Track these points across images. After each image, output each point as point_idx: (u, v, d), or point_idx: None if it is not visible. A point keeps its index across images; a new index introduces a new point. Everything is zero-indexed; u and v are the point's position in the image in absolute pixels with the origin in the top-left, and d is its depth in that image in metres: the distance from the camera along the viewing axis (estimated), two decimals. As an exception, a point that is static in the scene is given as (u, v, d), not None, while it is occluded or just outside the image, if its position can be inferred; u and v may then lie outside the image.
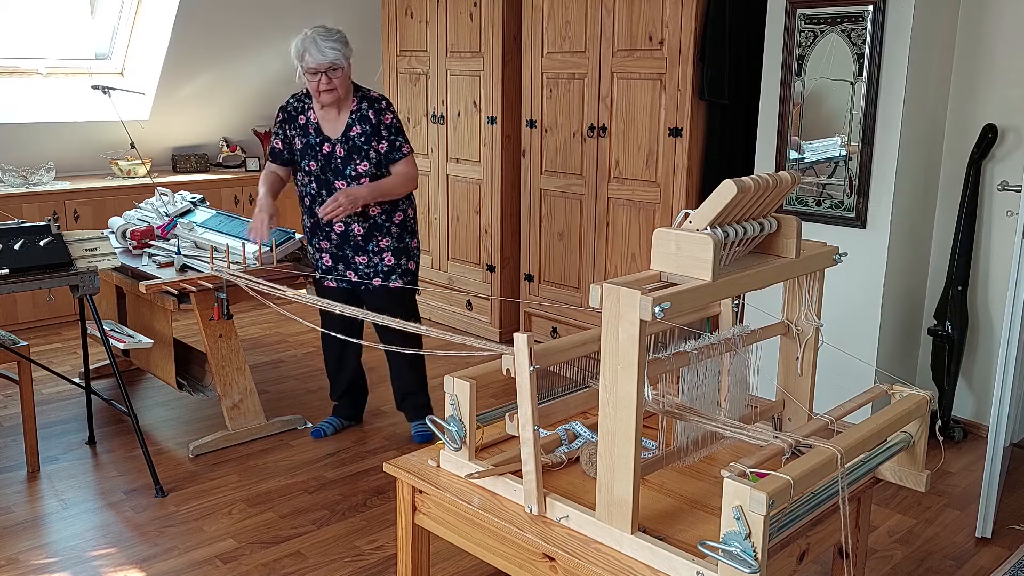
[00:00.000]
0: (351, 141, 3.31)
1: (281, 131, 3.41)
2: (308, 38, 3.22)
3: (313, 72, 3.20)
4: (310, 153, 3.34)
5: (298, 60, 3.25)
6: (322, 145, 3.33)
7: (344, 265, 3.41)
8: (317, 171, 3.34)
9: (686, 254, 1.61)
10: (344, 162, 3.32)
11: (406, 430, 3.79)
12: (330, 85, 3.21)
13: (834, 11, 3.45)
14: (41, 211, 5.06)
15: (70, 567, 2.74)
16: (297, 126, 3.37)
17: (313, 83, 3.22)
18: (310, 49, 3.19)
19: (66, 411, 3.95)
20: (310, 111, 3.36)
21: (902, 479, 1.91)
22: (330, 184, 3.34)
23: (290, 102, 3.42)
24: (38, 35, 5.35)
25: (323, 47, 3.18)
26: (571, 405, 1.98)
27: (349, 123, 3.32)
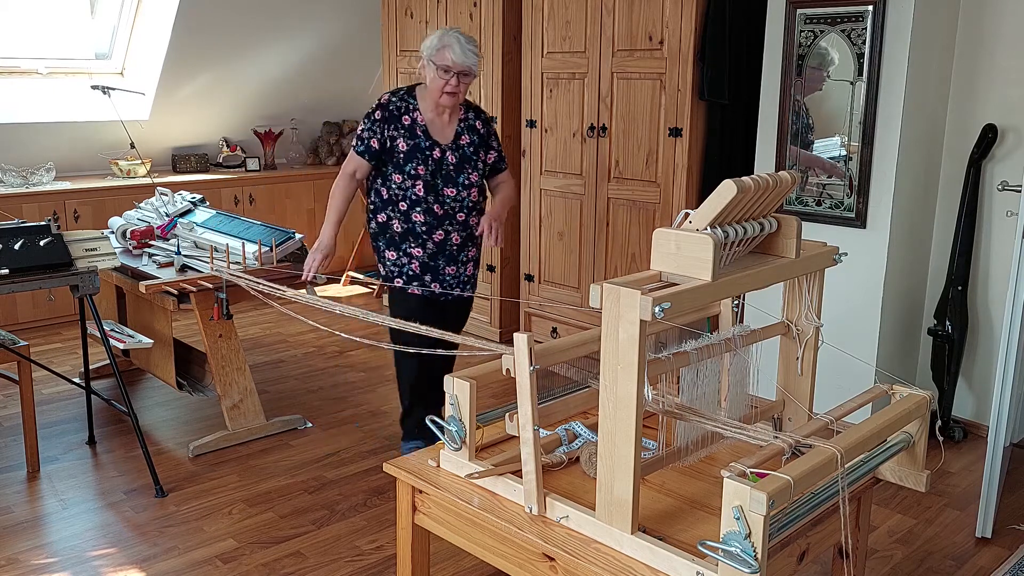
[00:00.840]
0: (462, 150, 3.22)
1: (379, 129, 3.17)
2: (450, 35, 3.09)
3: (445, 70, 3.06)
4: (419, 157, 3.16)
5: (430, 53, 3.10)
6: (432, 149, 3.18)
7: (431, 275, 3.24)
8: (427, 176, 3.17)
9: (686, 254, 1.61)
10: (457, 170, 3.20)
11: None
12: (456, 89, 3.10)
13: (834, 11, 3.45)
14: (41, 211, 5.06)
15: (70, 567, 2.74)
16: (401, 127, 3.17)
17: (440, 82, 3.08)
18: (452, 46, 3.06)
19: (66, 411, 3.95)
20: (416, 112, 3.18)
21: (902, 479, 1.91)
22: (439, 191, 3.18)
23: (392, 100, 3.21)
24: (38, 35, 5.35)
25: (466, 49, 3.06)
26: (571, 405, 1.98)
27: (458, 131, 3.22)
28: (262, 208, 5.99)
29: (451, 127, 3.22)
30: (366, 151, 3.20)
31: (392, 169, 3.19)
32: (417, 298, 3.26)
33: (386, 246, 3.26)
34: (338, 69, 6.32)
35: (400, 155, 3.17)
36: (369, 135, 3.19)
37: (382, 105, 3.21)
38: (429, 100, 3.18)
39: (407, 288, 3.25)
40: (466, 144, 3.23)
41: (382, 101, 3.22)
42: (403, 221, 3.22)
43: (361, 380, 4.41)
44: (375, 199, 3.27)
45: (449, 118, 3.21)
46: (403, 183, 3.18)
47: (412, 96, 3.21)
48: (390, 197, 3.21)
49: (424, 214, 3.18)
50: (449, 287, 3.28)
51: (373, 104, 3.24)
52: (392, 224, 3.23)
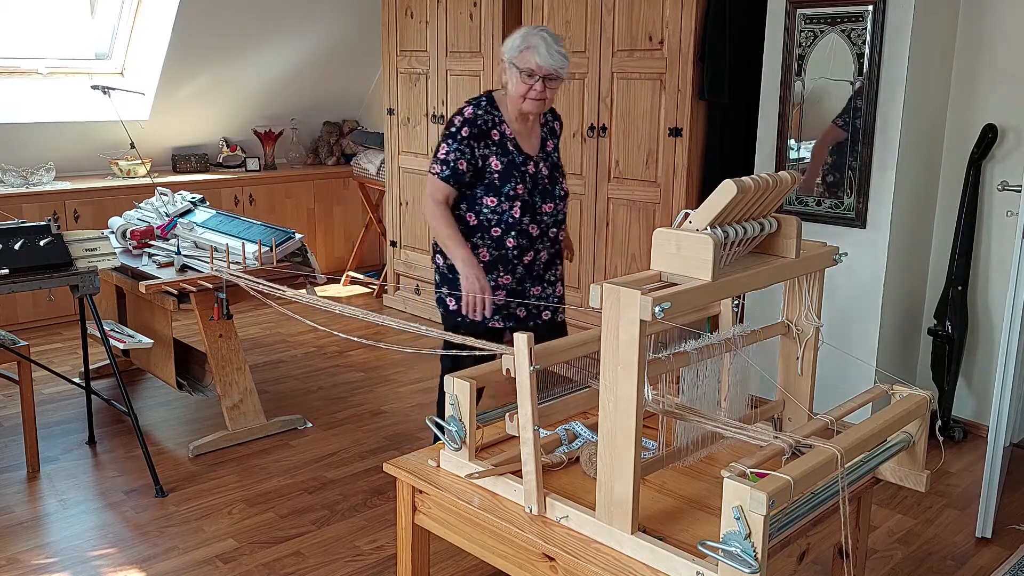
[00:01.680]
0: (550, 158, 2.92)
1: (468, 149, 2.78)
2: (536, 34, 2.75)
3: (530, 74, 2.73)
4: (516, 175, 2.81)
5: (512, 55, 2.76)
6: (526, 164, 2.84)
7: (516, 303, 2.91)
8: (525, 195, 2.82)
9: (686, 254, 1.61)
10: (551, 181, 2.90)
11: (406, 430, 3.80)
12: (542, 95, 2.76)
13: (834, 11, 3.45)
14: (41, 211, 5.06)
15: (70, 567, 2.74)
16: (491, 143, 2.81)
17: (523, 87, 2.75)
18: (537, 47, 2.72)
19: (66, 411, 3.95)
20: (503, 124, 2.83)
21: (902, 479, 1.91)
22: (536, 209, 2.86)
23: (478, 113, 2.81)
24: (38, 35, 5.35)
25: (553, 49, 2.72)
26: (571, 405, 1.98)
27: (543, 137, 2.93)
28: (262, 208, 5.99)
29: (536, 134, 2.91)
30: (452, 176, 2.79)
31: (483, 192, 2.82)
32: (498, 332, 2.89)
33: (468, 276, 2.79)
34: (338, 69, 6.32)
35: (494, 175, 2.81)
36: (456, 157, 2.78)
37: (468, 120, 2.80)
38: (511, 107, 2.84)
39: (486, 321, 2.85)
40: (552, 151, 2.95)
41: (467, 115, 2.81)
42: (493, 248, 2.85)
43: (361, 380, 4.41)
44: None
45: (532, 124, 2.91)
46: (498, 206, 2.82)
47: (494, 106, 2.85)
48: (480, 223, 2.83)
49: (518, 237, 2.84)
50: (536, 311, 2.93)
51: (454, 119, 2.83)
52: (478, 253, 2.84)
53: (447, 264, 2.90)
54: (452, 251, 2.79)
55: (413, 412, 3.99)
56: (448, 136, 2.80)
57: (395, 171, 5.53)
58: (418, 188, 5.37)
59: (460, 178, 2.79)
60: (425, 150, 5.27)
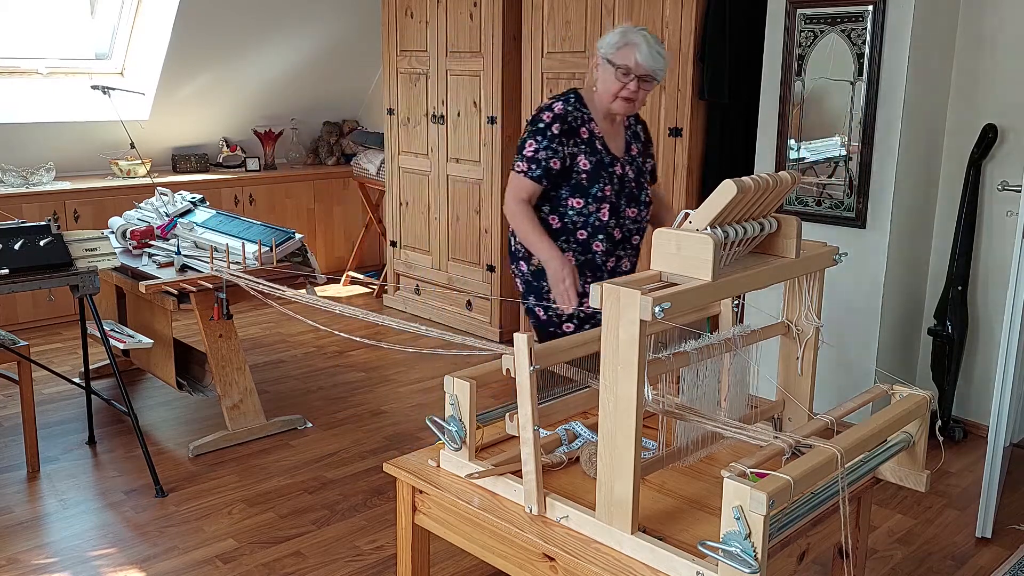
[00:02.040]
0: (635, 162, 2.80)
1: (560, 147, 2.65)
2: (637, 33, 2.64)
3: (626, 72, 2.62)
4: (604, 176, 2.70)
5: (609, 50, 2.65)
6: (614, 165, 2.73)
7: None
8: (612, 198, 2.71)
9: (686, 254, 1.61)
10: (638, 186, 2.78)
11: (406, 430, 3.79)
12: (635, 95, 2.65)
13: (834, 11, 3.45)
14: (41, 211, 5.06)
15: (70, 567, 2.74)
16: (581, 141, 2.68)
17: (616, 85, 2.63)
18: (639, 45, 2.60)
19: (66, 411, 3.95)
20: (591, 122, 2.71)
21: (902, 479, 1.91)
22: (621, 213, 2.75)
23: (567, 109, 2.69)
24: (38, 35, 5.35)
25: (655, 50, 2.61)
26: (571, 405, 1.98)
27: (627, 140, 2.80)
28: (262, 208, 5.99)
29: (621, 136, 2.79)
30: (544, 175, 2.65)
31: (569, 192, 2.70)
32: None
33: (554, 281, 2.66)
34: (338, 69, 6.32)
35: (583, 175, 2.69)
36: (547, 155, 2.64)
37: (558, 116, 2.67)
38: (599, 106, 2.72)
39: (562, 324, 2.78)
40: (636, 155, 2.82)
41: (556, 111, 2.68)
42: (579, 252, 2.74)
43: (361, 380, 4.41)
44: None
45: (617, 125, 2.79)
46: (585, 208, 2.70)
47: (582, 103, 2.73)
48: (564, 226, 2.71)
49: (605, 242, 2.74)
50: None
51: (541, 115, 2.69)
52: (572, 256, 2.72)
53: (531, 270, 2.80)
54: (537, 246, 2.66)
55: (413, 412, 3.99)
56: (536, 132, 2.66)
57: (395, 171, 5.53)
58: (417, 188, 5.37)
59: (551, 177, 2.67)
60: (425, 150, 5.27)
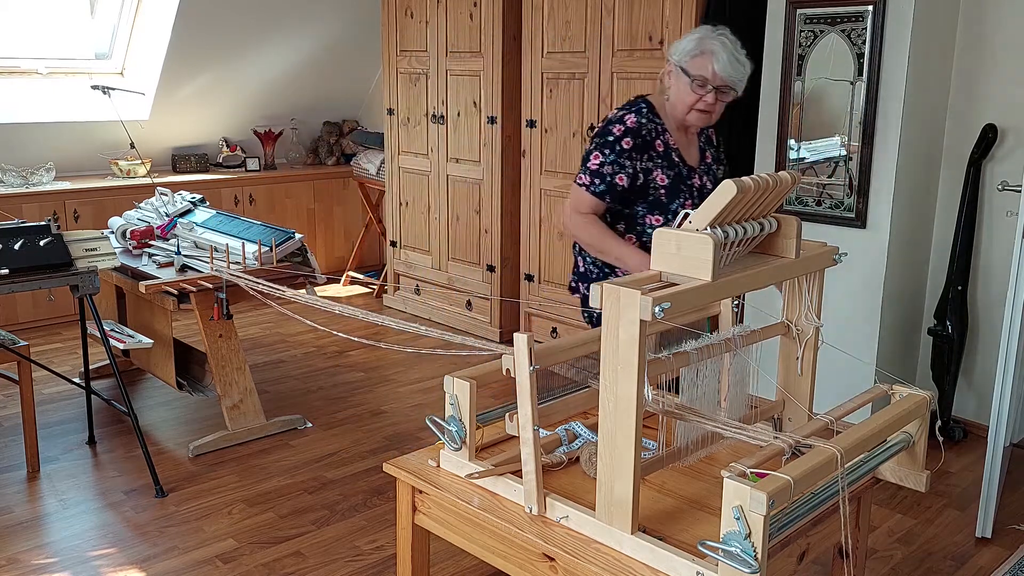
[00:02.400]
0: (711, 170, 2.61)
1: (630, 161, 2.44)
2: (715, 38, 2.40)
3: (702, 83, 2.40)
4: (684, 190, 2.49)
5: (683, 57, 2.43)
6: (692, 177, 2.53)
7: None
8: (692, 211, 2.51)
9: (686, 254, 1.61)
10: None
11: (406, 430, 3.79)
12: (712, 107, 2.44)
13: (834, 11, 3.45)
14: (41, 211, 5.06)
15: (70, 567, 2.74)
16: (656, 155, 2.47)
17: (692, 96, 2.43)
18: (717, 54, 2.38)
19: (66, 411, 3.95)
20: (666, 133, 2.51)
21: (902, 479, 1.91)
22: None
23: (641, 122, 2.47)
24: (38, 35, 5.35)
25: (734, 59, 2.39)
26: (571, 405, 1.98)
27: (702, 147, 2.61)
28: (262, 208, 5.99)
29: (695, 144, 2.60)
30: (608, 191, 2.44)
31: (647, 209, 2.49)
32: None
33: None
34: (338, 69, 6.32)
35: (661, 191, 2.47)
36: (614, 170, 2.43)
37: (631, 129, 2.45)
38: (672, 116, 2.52)
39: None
40: (711, 162, 2.62)
41: (629, 124, 2.46)
42: None
43: (361, 380, 4.41)
44: None
45: (691, 134, 2.58)
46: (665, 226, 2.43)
47: (655, 113, 2.52)
48: (644, 245, 2.47)
49: None
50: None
51: (611, 127, 2.47)
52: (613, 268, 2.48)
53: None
54: (609, 248, 2.45)
55: (413, 412, 3.99)
56: (604, 145, 2.44)
57: (395, 171, 5.53)
58: (417, 188, 5.37)
59: (616, 194, 2.46)
60: (425, 150, 5.27)
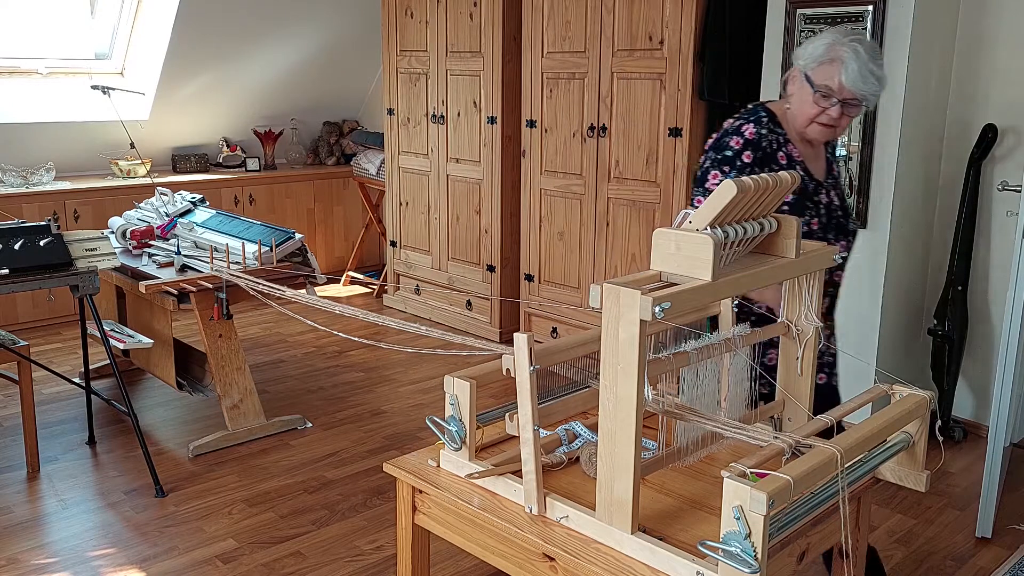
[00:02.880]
0: (838, 184, 2.36)
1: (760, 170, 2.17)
2: (848, 45, 2.12)
3: (826, 94, 2.14)
4: (810, 207, 2.24)
5: (810, 64, 2.17)
6: (818, 192, 2.27)
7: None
8: (820, 232, 2.24)
9: (686, 254, 1.61)
10: (844, 213, 2.33)
11: (406, 430, 3.79)
12: (836, 121, 2.18)
13: (834, 11, 3.45)
14: (41, 211, 5.06)
15: (70, 567, 2.74)
16: (779, 167, 2.20)
17: (814, 108, 2.16)
18: (848, 64, 2.10)
19: (66, 411, 3.95)
20: (788, 145, 2.24)
21: (902, 479, 1.91)
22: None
23: (761, 133, 2.21)
24: (38, 35, 5.35)
25: (867, 69, 2.10)
26: (571, 405, 1.98)
27: (829, 159, 2.36)
28: (262, 208, 5.99)
29: (821, 155, 2.34)
30: None
31: None
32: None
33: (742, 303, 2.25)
34: (338, 69, 6.32)
35: (783, 209, 2.18)
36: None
37: (750, 142, 2.20)
38: (793, 126, 2.27)
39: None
40: (837, 175, 2.39)
41: (748, 136, 2.21)
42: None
43: (361, 380, 4.41)
44: None
45: (817, 144, 2.32)
46: None
47: (776, 123, 2.27)
48: None
49: None
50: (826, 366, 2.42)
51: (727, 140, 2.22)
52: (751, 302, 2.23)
53: None
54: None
55: (413, 412, 3.99)
56: (722, 162, 2.20)
57: (395, 171, 5.53)
58: (417, 188, 5.37)
59: None
60: (425, 150, 5.27)
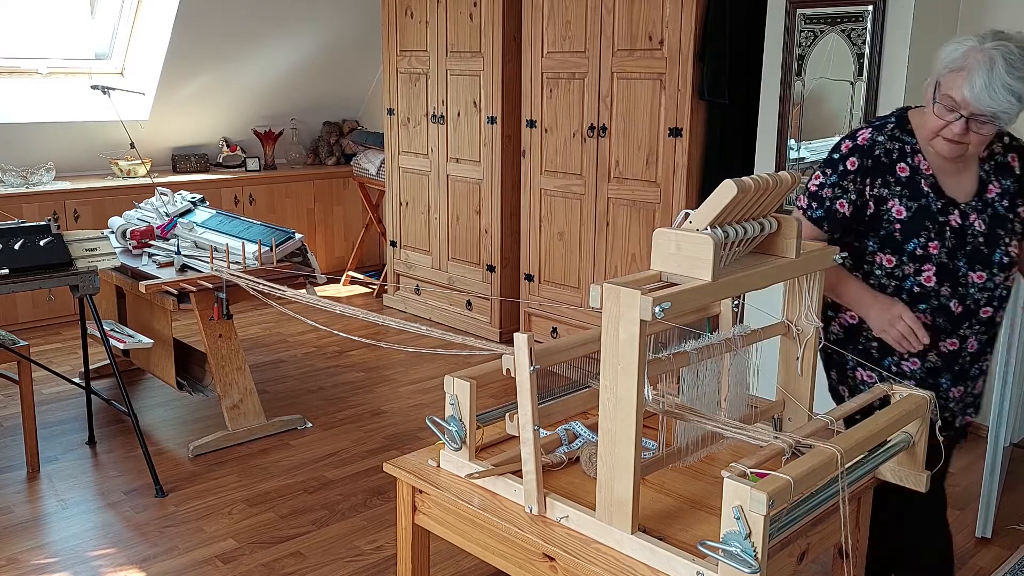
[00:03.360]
0: (992, 208, 2.03)
1: (854, 186, 2.03)
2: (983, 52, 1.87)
3: (950, 107, 1.91)
4: (930, 228, 2.00)
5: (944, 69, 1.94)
6: (948, 212, 2.01)
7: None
8: (942, 256, 2.00)
9: (686, 254, 1.61)
10: (989, 242, 2.01)
11: (406, 430, 3.79)
12: (962, 138, 1.93)
13: (834, 11, 3.45)
14: (41, 211, 5.06)
15: (70, 567, 2.74)
16: (895, 181, 2.02)
17: (937, 121, 1.95)
18: (975, 76, 1.86)
19: (66, 411, 3.95)
20: (917, 155, 2.03)
21: (902, 479, 1.91)
22: (960, 277, 2.02)
23: (877, 140, 2.04)
24: (38, 35, 5.35)
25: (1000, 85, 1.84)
26: (571, 405, 1.98)
27: (982, 177, 2.04)
28: (262, 208, 5.99)
29: (971, 172, 2.05)
30: (828, 218, 2.06)
31: (876, 246, 2.07)
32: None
33: (858, 361, 2.14)
34: (338, 69, 6.33)
35: (894, 225, 2.04)
36: (834, 194, 2.05)
37: (859, 148, 2.04)
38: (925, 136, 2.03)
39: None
40: (996, 197, 2.04)
41: (859, 141, 2.05)
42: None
43: (361, 380, 4.41)
44: None
45: (968, 157, 2.02)
46: (898, 268, 2.05)
47: (906, 129, 2.06)
48: (874, 287, 2.09)
49: (933, 313, 2.05)
50: (952, 415, 2.14)
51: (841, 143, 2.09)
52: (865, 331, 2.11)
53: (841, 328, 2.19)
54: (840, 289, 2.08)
55: (413, 412, 3.99)
56: (828, 164, 2.08)
57: (395, 171, 5.53)
58: (417, 188, 5.37)
59: (837, 223, 2.06)
60: (425, 150, 5.27)
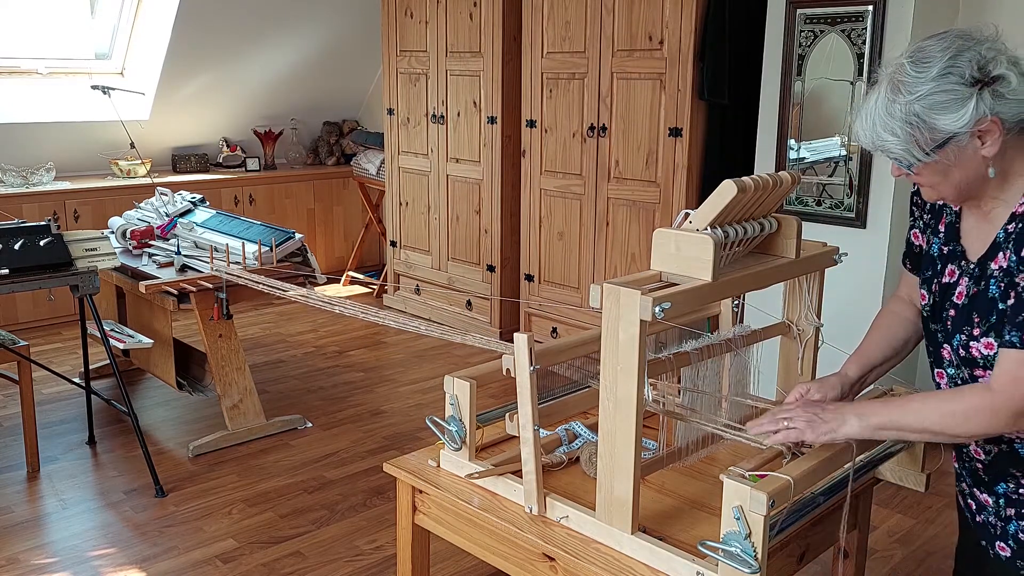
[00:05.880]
0: (984, 279, 1.53)
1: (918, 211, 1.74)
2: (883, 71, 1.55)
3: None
4: (928, 272, 1.68)
5: None
6: (943, 264, 1.64)
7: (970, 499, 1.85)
8: (927, 310, 1.67)
9: (686, 254, 1.61)
10: (960, 315, 1.57)
11: (406, 430, 3.79)
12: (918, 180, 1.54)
13: (834, 11, 3.45)
14: (41, 211, 5.06)
15: (70, 567, 2.74)
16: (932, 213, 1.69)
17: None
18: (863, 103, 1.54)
19: (66, 411, 3.95)
20: None
21: (902, 479, 1.91)
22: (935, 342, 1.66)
23: None
24: (38, 35, 5.35)
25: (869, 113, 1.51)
26: (571, 405, 1.98)
27: (997, 241, 1.51)
28: (262, 208, 5.99)
29: (989, 230, 1.55)
30: (907, 252, 1.81)
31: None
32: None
33: None
34: (338, 69, 6.33)
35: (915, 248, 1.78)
36: (911, 222, 1.78)
37: None
38: None
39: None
40: (996, 271, 1.51)
41: None
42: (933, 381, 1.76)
43: (361, 380, 4.41)
44: None
45: (988, 211, 1.55)
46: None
47: None
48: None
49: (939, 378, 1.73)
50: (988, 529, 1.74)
51: None
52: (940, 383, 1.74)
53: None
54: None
55: (413, 412, 3.99)
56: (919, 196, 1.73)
57: (395, 171, 5.53)
58: (417, 188, 5.37)
59: (914, 256, 1.78)
60: (425, 150, 5.27)
